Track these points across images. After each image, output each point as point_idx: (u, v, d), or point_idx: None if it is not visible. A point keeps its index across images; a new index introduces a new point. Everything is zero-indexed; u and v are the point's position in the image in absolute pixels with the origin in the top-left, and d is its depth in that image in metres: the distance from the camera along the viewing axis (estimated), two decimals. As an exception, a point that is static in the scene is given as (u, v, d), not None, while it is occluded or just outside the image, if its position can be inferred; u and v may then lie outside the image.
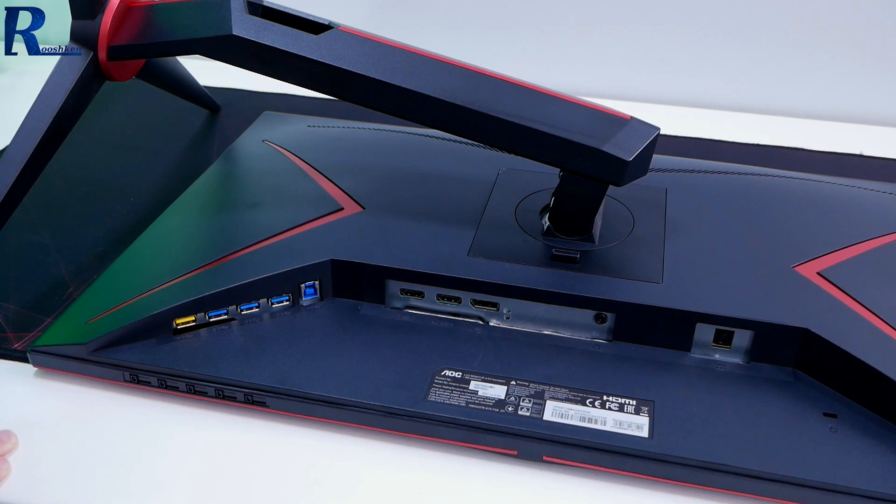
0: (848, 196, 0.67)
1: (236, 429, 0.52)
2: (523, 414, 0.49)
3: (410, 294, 0.57)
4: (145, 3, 0.62)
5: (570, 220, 0.59)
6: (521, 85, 0.56)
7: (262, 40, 0.57)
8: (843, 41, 0.91)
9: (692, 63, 0.95)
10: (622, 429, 0.48)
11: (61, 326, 0.56)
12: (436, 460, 0.50)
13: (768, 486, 0.46)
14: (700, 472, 0.47)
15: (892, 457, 0.46)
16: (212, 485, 0.48)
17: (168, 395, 0.53)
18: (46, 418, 0.52)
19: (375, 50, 0.57)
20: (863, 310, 0.53)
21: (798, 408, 0.50)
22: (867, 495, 0.45)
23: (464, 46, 1.00)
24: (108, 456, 0.50)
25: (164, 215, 0.66)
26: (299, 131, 0.78)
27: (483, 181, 0.66)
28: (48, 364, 0.55)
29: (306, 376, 0.52)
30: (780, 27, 0.91)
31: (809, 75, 0.93)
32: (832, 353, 0.50)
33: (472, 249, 0.58)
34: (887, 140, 0.87)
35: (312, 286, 0.58)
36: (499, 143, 0.56)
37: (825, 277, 0.55)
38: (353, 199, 0.63)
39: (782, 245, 0.59)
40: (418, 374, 0.52)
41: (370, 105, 0.58)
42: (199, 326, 0.56)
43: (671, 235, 0.60)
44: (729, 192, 0.66)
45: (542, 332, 0.56)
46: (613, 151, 0.54)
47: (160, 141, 0.84)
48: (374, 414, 0.50)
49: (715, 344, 0.53)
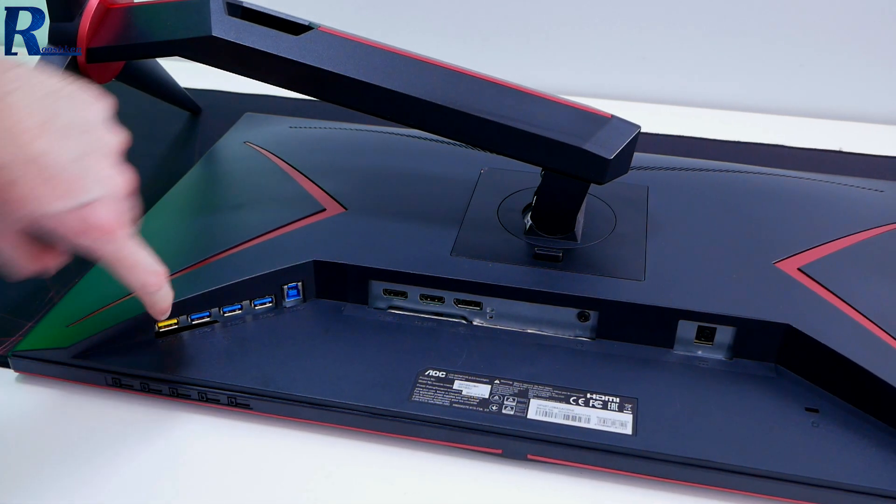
0: (828, 192, 0.67)
1: (220, 431, 0.52)
2: (507, 413, 0.49)
3: (394, 294, 0.57)
4: (124, 4, 0.61)
5: (553, 219, 0.59)
6: (502, 84, 0.57)
7: (241, 41, 0.56)
8: (823, 38, 0.91)
9: (673, 61, 0.96)
10: (606, 426, 0.48)
11: (42, 331, 0.55)
12: (420, 460, 0.50)
13: (751, 482, 0.46)
14: (684, 469, 0.47)
15: (874, 451, 0.47)
16: (195, 487, 0.48)
17: (151, 398, 0.53)
18: (28, 423, 0.52)
19: (356, 50, 0.57)
20: (843, 305, 0.53)
21: (780, 403, 0.50)
22: (849, 489, 0.45)
23: (445, 46, 1.00)
24: (90, 460, 0.50)
25: (146, 218, 0.66)
26: (281, 132, 0.77)
27: (465, 181, 0.66)
28: (29, 369, 0.55)
29: (290, 378, 0.52)
30: (761, 25, 0.92)
31: (789, 72, 0.94)
32: (813, 348, 0.51)
33: (454, 249, 0.58)
34: (866, 136, 0.88)
35: (295, 287, 0.57)
36: (480, 142, 0.56)
37: (806, 273, 0.56)
38: (336, 200, 0.63)
39: (763, 241, 0.59)
40: (402, 375, 0.52)
41: (351, 106, 0.58)
42: (182, 329, 0.55)
43: (653, 233, 0.60)
44: (710, 189, 0.66)
45: (526, 331, 0.56)
46: (594, 150, 0.54)
47: (141, 143, 0.83)
48: (359, 414, 0.50)
49: (697, 340, 0.54)
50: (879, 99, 0.93)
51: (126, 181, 0.44)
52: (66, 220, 0.41)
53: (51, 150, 0.40)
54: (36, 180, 0.40)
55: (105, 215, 0.42)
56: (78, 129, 0.42)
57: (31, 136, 0.40)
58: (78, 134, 0.42)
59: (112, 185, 0.43)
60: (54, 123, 0.41)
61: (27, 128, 0.40)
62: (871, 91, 0.93)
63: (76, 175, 0.41)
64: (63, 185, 0.41)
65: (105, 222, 0.43)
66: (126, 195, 0.45)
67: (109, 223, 0.43)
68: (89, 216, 0.42)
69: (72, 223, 0.42)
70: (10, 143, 0.39)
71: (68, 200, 0.41)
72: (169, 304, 0.50)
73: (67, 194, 0.41)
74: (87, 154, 0.42)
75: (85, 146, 0.42)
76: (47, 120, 0.41)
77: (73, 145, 0.41)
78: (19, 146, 0.39)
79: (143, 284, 0.47)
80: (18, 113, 0.40)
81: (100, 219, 0.42)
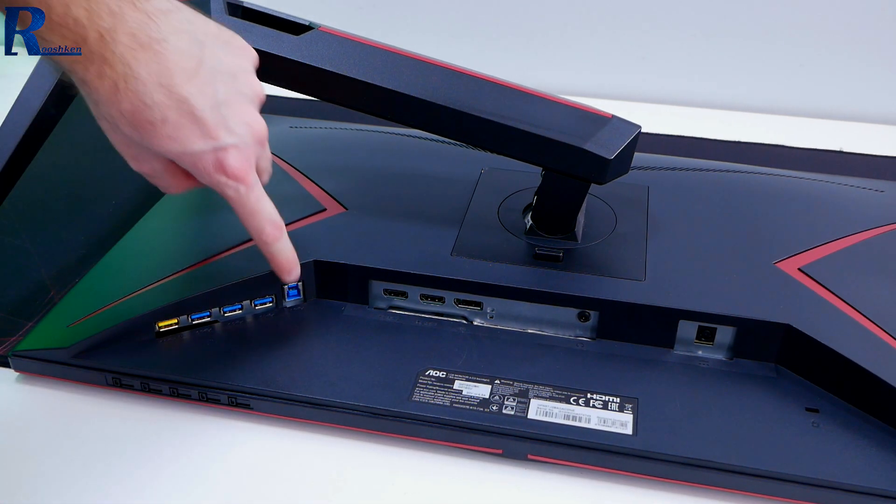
0: (828, 192, 0.67)
1: (220, 431, 0.52)
2: (508, 413, 0.49)
3: (394, 294, 0.57)
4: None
5: (553, 219, 0.59)
6: (503, 84, 0.57)
7: (242, 41, 0.56)
8: (823, 38, 0.91)
9: (673, 61, 0.96)
10: (606, 426, 0.48)
11: (43, 330, 0.56)
12: (421, 460, 0.50)
13: (751, 482, 0.46)
14: (684, 469, 0.47)
15: (874, 451, 0.47)
16: (195, 487, 0.48)
17: (151, 398, 0.53)
18: (29, 423, 0.52)
19: (357, 50, 0.57)
20: (844, 305, 0.53)
21: (780, 403, 0.50)
22: (849, 489, 0.45)
23: (445, 46, 1.00)
24: (90, 460, 0.50)
25: (146, 218, 0.66)
26: (281, 132, 0.77)
27: (465, 181, 0.66)
28: (30, 368, 0.55)
29: (290, 378, 0.52)
30: (761, 25, 0.92)
31: (789, 72, 0.94)
32: (814, 348, 0.51)
33: (455, 249, 0.58)
34: (866, 136, 0.88)
35: (296, 287, 0.57)
36: (481, 142, 0.56)
37: (806, 273, 0.56)
38: (336, 200, 0.63)
39: (764, 241, 0.59)
40: (402, 375, 0.52)
41: (352, 105, 0.58)
42: (182, 329, 0.55)
43: (653, 233, 0.60)
44: (710, 189, 0.66)
45: (526, 331, 0.56)
46: (595, 150, 0.54)
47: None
48: (359, 414, 0.50)
49: (698, 340, 0.54)
50: (879, 99, 0.93)
51: (261, 129, 0.48)
52: (202, 160, 0.46)
53: (198, 94, 0.44)
54: (181, 121, 0.44)
55: (236, 161, 0.46)
56: (226, 76, 0.46)
57: (183, 78, 0.44)
58: (225, 80, 0.46)
59: (248, 133, 0.47)
60: (205, 68, 0.45)
61: (180, 70, 0.43)
62: (871, 91, 0.93)
63: (217, 120, 0.45)
64: (203, 129, 0.45)
65: (236, 167, 0.46)
66: (260, 144, 0.48)
67: (240, 169, 0.46)
68: (223, 159, 0.46)
69: (206, 163, 0.46)
70: (165, 84, 0.43)
71: (206, 143, 0.45)
72: (289, 260, 0.51)
73: (206, 137, 0.45)
74: (230, 100, 0.46)
75: (229, 93, 0.46)
76: (199, 65, 0.44)
77: (219, 91, 0.45)
78: (171, 87, 0.43)
79: (259, 231, 0.49)
80: (175, 56, 0.43)
81: (231, 163, 0.46)
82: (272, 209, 0.50)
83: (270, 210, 0.49)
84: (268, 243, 0.50)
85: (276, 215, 0.50)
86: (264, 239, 0.50)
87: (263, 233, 0.49)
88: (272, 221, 0.49)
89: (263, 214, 0.49)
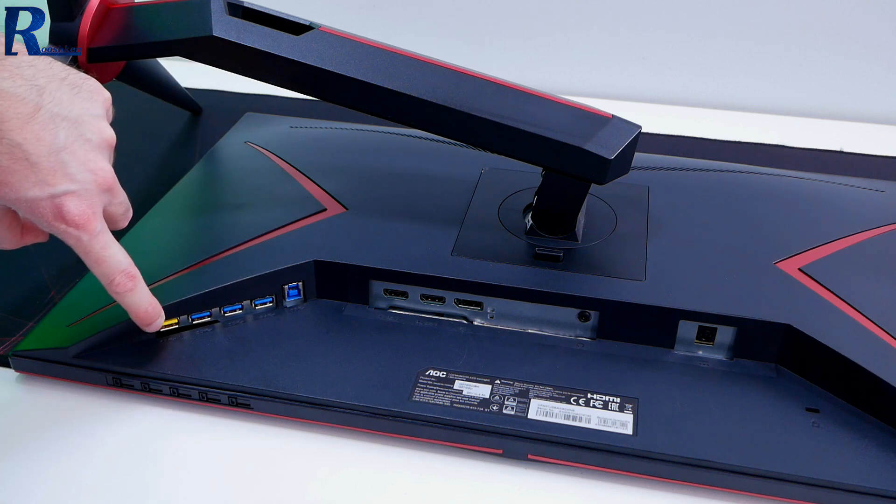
0: (829, 192, 0.67)
1: (221, 431, 0.52)
2: (508, 413, 0.49)
3: (394, 294, 0.57)
4: (125, 4, 0.61)
5: (553, 219, 0.59)
6: (503, 84, 0.57)
7: (242, 41, 0.56)
8: (823, 39, 0.91)
9: (673, 61, 0.96)
10: (607, 426, 0.48)
11: (43, 330, 0.55)
12: (421, 460, 0.50)
13: (751, 482, 0.46)
14: (684, 469, 0.47)
15: (874, 451, 0.47)
16: (196, 487, 0.48)
17: (152, 398, 0.53)
18: (29, 423, 0.52)
19: (357, 50, 0.57)
20: (844, 305, 0.53)
21: (781, 403, 0.50)
22: (849, 489, 0.45)
23: (445, 46, 1.00)
24: (91, 460, 0.50)
25: (146, 218, 0.66)
26: (282, 132, 0.77)
27: (466, 181, 0.66)
28: (30, 368, 0.55)
29: (290, 378, 0.52)
30: (761, 25, 0.92)
31: (789, 72, 0.94)
32: (814, 348, 0.51)
33: (455, 249, 0.58)
34: (867, 136, 0.88)
35: (296, 287, 0.57)
36: (481, 142, 0.56)
37: (807, 273, 0.56)
38: (336, 200, 0.63)
39: (764, 241, 0.59)
40: (403, 375, 0.52)
41: (352, 105, 0.58)
42: (183, 329, 0.55)
43: (654, 233, 0.60)
44: (711, 189, 0.66)
45: (527, 331, 0.56)
46: (595, 150, 0.54)
47: (142, 143, 0.84)
48: (359, 414, 0.50)
49: (698, 341, 0.54)
50: (879, 99, 0.93)
51: (106, 176, 0.46)
52: (39, 207, 0.44)
53: (34, 139, 0.43)
54: (14, 167, 0.43)
55: (76, 208, 0.45)
56: (68, 121, 0.45)
57: (17, 124, 0.42)
58: (67, 125, 0.44)
59: (91, 179, 0.45)
60: (43, 113, 0.43)
61: (14, 115, 0.42)
62: (871, 91, 0.93)
63: (54, 166, 0.44)
64: (39, 175, 0.43)
65: (76, 215, 0.45)
66: (104, 190, 0.46)
67: (80, 216, 0.45)
68: (61, 206, 0.44)
69: (44, 210, 0.44)
70: None
71: (41, 189, 0.44)
72: (147, 313, 0.50)
73: (42, 183, 0.43)
74: (71, 146, 0.44)
75: (71, 138, 0.44)
76: (37, 110, 0.43)
77: (59, 136, 0.44)
78: (3, 133, 0.42)
79: (108, 281, 0.48)
80: (7, 101, 0.42)
81: (71, 210, 0.45)
82: (123, 258, 0.48)
83: (120, 259, 0.48)
84: (119, 293, 0.48)
85: (127, 264, 0.48)
86: (114, 290, 0.48)
87: (113, 283, 0.48)
88: (123, 271, 0.48)
89: (111, 263, 0.47)
